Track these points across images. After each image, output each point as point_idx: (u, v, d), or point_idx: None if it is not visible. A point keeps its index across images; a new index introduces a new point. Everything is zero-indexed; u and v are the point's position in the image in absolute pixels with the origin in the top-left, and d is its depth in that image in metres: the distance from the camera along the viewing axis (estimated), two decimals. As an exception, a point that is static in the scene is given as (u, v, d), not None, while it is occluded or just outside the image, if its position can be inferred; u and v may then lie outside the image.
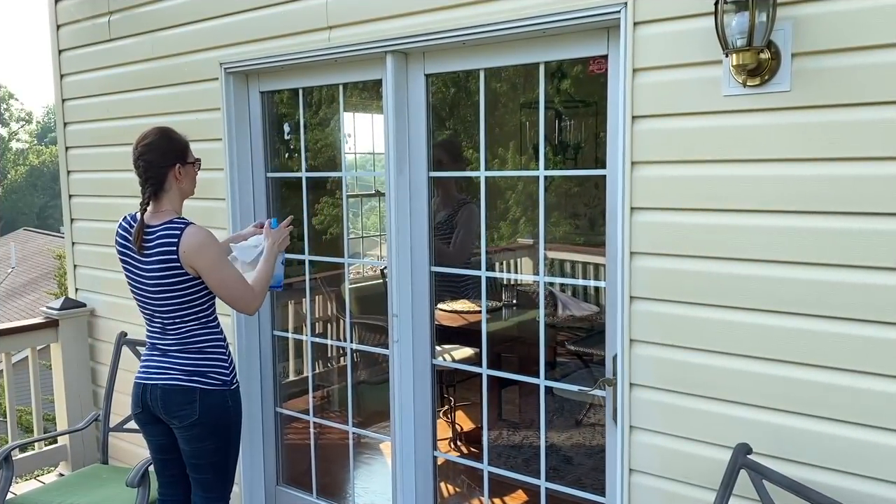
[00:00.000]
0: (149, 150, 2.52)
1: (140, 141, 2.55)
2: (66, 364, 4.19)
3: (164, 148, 2.54)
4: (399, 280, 2.95)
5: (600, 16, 2.29)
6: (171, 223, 2.49)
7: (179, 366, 2.56)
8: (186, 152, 2.60)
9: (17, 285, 21.49)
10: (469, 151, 4.49)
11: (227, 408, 2.60)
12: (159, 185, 2.53)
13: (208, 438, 2.58)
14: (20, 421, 9.53)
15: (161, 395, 2.56)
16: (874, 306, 1.94)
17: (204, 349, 2.58)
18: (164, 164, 2.52)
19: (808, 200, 2.01)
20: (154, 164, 2.51)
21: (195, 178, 2.66)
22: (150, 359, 2.63)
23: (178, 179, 2.56)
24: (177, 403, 2.55)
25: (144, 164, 2.51)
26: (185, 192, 2.62)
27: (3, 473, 3.01)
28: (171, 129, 2.62)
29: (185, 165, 2.57)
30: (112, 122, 3.96)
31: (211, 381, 2.56)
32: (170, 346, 2.58)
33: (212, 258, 2.48)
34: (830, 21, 1.94)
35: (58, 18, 4.20)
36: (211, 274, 2.49)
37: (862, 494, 2.00)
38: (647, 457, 2.36)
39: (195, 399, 2.54)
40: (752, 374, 2.14)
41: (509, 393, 4.57)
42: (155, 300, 2.54)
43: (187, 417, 2.55)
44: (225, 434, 2.62)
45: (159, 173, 2.52)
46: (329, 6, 2.94)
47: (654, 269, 2.28)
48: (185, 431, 2.58)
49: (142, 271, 2.53)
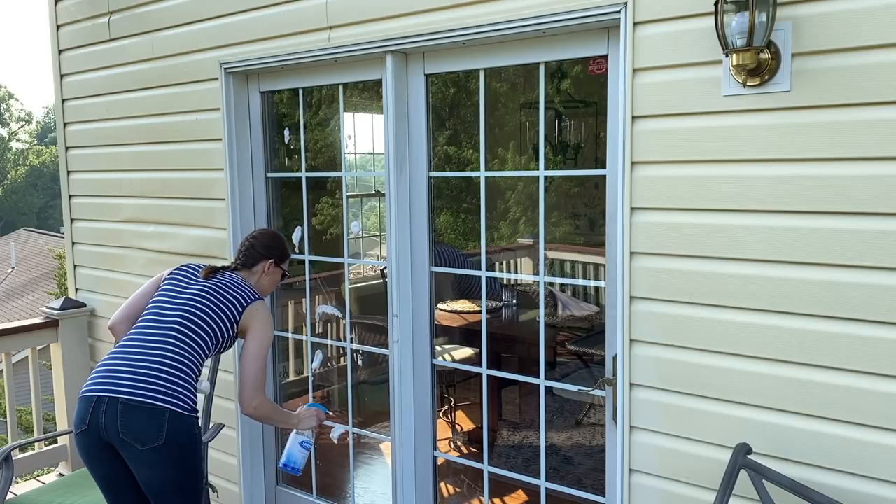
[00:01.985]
0: (260, 238, 2.79)
1: (258, 229, 2.91)
2: (66, 364, 4.20)
3: (272, 243, 2.78)
4: (399, 280, 2.95)
5: (600, 16, 2.29)
6: (251, 286, 2.67)
7: (151, 383, 2.35)
8: (285, 259, 2.82)
9: (17, 285, 21.49)
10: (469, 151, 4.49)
11: (193, 435, 2.40)
12: (249, 265, 2.75)
13: (174, 466, 2.35)
14: (20, 421, 9.56)
15: (121, 412, 2.30)
16: (874, 306, 1.94)
17: (181, 373, 2.41)
18: (263, 254, 2.75)
19: (809, 200, 2.01)
20: (255, 249, 2.76)
21: (276, 283, 2.83)
22: (116, 368, 2.39)
23: (264, 272, 2.75)
24: (140, 422, 2.29)
25: (248, 245, 2.77)
26: (261, 287, 2.76)
27: (3, 473, 3.01)
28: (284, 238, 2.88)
29: (277, 266, 2.78)
30: (112, 122, 3.96)
31: (183, 404, 2.37)
32: (150, 361, 2.39)
33: (267, 334, 2.58)
34: (830, 21, 1.94)
35: (58, 18, 4.20)
36: (255, 343, 2.54)
37: (862, 494, 2.00)
38: (647, 457, 2.36)
39: (163, 422, 2.31)
40: (752, 374, 2.14)
41: (509, 393, 4.57)
42: (186, 323, 2.48)
43: (152, 440, 2.29)
44: (192, 463, 2.41)
45: (255, 256, 2.75)
46: (329, 6, 2.94)
47: (654, 269, 2.28)
48: (146, 455, 2.30)
49: (189, 291, 2.56)
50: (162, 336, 2.46)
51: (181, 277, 2.64)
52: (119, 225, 4.02)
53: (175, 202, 3.69)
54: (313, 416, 2.75)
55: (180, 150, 3.62)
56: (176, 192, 3.68)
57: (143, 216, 3.87)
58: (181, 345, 2.45)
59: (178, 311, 2.50)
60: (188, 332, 2.47)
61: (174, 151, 3.65)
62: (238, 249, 2.80)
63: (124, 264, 4.01)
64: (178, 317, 2.49)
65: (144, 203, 3.85)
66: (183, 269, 2.69)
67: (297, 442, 2.73)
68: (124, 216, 3.98)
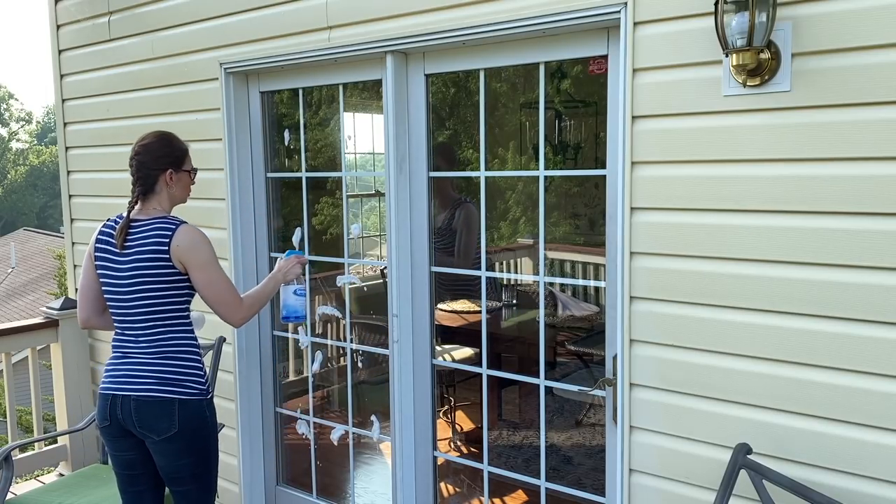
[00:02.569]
0: (144, 152, 2.51)
1: (138, 141, 2.54)
2: (66, 364, 4.20)
3: (159, 152, 2.52)
4: (399, 280, 2.95)
5: (600, 16, 2.29)
6: (165, 219, 2.46)
7: (154, 375, 2.43)
8: (183, 160, 2.57)
9: (17, 285, 21.49)
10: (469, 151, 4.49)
11: (204, 418, 2.49)
12: (149, 187, 2.51)
13: (189, 451, 2.47)
14: (20, 421, 9.55)
15: (135, 408, 2.42)
16: (874, 306, 1.94)
17: (179, 356, 2.47)
18: (156, 168, 2.50)
19: (809, 200, 2.01)
20: (145, 166, 2.50)
21: (189, 186, 2.63)
22: (119, 368, 2.48)
23: (168, 185, 2.53)
24: (153, 416, 2.41)
25: (137, 164, 2.51)
26: (175, 199, 2.59)
27: (3, 473, 3.01)
28: (172, 135, 2.59)
29: (178, 172, 2.55)
30: (112, 122, 3.96)
31: (188, 390, 2.45)
32: (142, 353, 2.46)
33: (206, 255, 2.44)
34: (830, 21, 1.94)
35: (58, 18, 4.20)
36: (202, 272, 2.43)
37: (862, 494, 2.00)
38: (647, 457, 2.36)
39: (173, 410, 2.42)
40: (752, 374, 2.14)
41: (509, 393, 4.57)
42: (130, 299, 2.44)
43: (166, 430, 2.42)
44: (205, 445, 2.51)
45: (150, 175, 2.50)
46: (329, 6, 2.94)
47: (654, 269, 2.28)
48: (162, 445, 2.44)
49: (121, 268, 2.45)
50: (131, 331, 2.46)
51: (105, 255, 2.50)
52: (119, 225, 4.01)
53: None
54: (295, 263, 2.73)
55: (180, 150, 3.62)
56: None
57: (143, 216, 3.86)
58: (151, 331, 2.44)
59: (125, 305, 2.45)
60: (147, 316, 2.43)
61: (174, 151, 3.65)
62: (130, 172, 2.54)
63: (124, 264, 4.00)
64: (126, 309, 2.45)
65: (144, 203, 3.85)
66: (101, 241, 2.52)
67: (289, 293, 2.72)
68: (124, 216, 3.97)
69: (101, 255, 2.51)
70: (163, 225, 2.44)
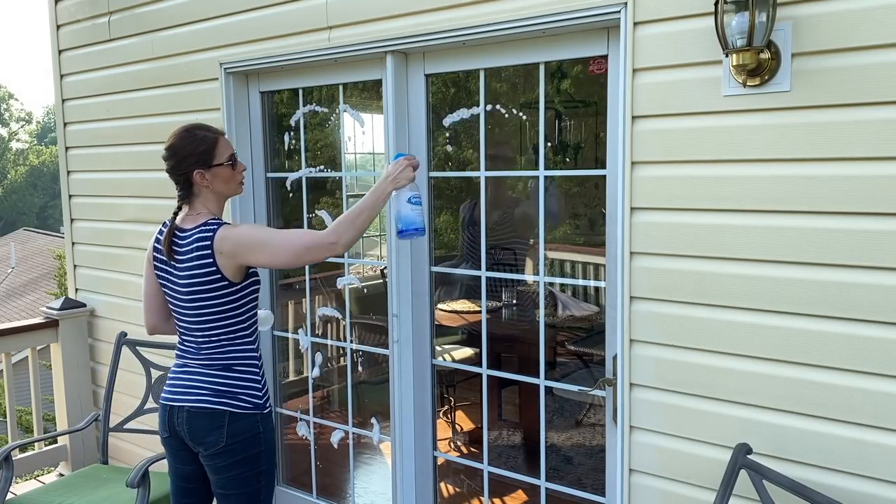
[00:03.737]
0: (169, 155, 2.31)
1: (166, 142, 2.33)
2: (66, 364, 4.19)
3: (183, 152, 2.29)
4: (399, 280, 2.95)
5: (600, 16, 2.29)
6: (204, 228, 2.26)
7: (208, 386, 2.32)
8: (210, 153, 2.29)
9: (17, 285, 21.49)
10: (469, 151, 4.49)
11: (257, 434, 2.33)
12: (187, 191, 2.32)
13: (236, 467, 2.32)
14: (20, 421, 9.55)
15: (187, 419, 2.32)
16: (874, 306, 1.94)
17: (235, 367, 2.33)
18: (184, 170, 2.29)
19: (809, 200, 2.01)
20: (175, 170, 2.31)
21: (232, 177, 2.35)
22: (178, 377, 2.38)
23: (204, 184, 2.30)
24: (203, 429, 2.30)
25: (168, 170, 2.33)
26: (220, 195, 2.36)
27: (3, 473, 3.01)
28: (195, 128, 2.33)
29: (209, 169, 2.29)
30: (112, 122, 3.96)
31: (242, 403, 2.30)
32: (201, 363, 2.34)
33: (250, 242, 2.22)
34: (830, 21, 1.94)
35: (58, 18, 4.20)
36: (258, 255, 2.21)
37: (862, 494, 2.00)
38: (647, 457, 2.36)
39: (223, 424, 2.29)
40: (752, 374, 2.14)
41: (509, 393, 4.57)
42: (190, 313, 2.31)
43: (213, 444, 2.30)
44: (254, 462, 2.34)
45: (182, 178, 2.31)
46: (329, 6, 2.94)
47: (654, 269, 2.28)
48: (211, 460, 2.33)
49: (176, 279, 2.32)
50: (193, 342, 2.35)
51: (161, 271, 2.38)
52: (119, 225, 4.02)
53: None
54: (406, 165, 2.29)
55: (180, 150, 3.62)
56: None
57: (143, 216, 3.87)
58: (212, 343, 2.32)
59: (186, 318, 2.34)
60: (207, 328, 2.31)
61: (174, 151, 3.65)
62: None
63: (124, 264, 4.01)
64: (188, 322, 2.34)
65: (144, 203, 3.85)
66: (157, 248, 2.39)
67: (403, 202, 2.29)
68: (124, 216, 3.98)
69: (159, 264, 2.39)
70: (201, 235, 2.25)
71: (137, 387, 3.58)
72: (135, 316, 3.98)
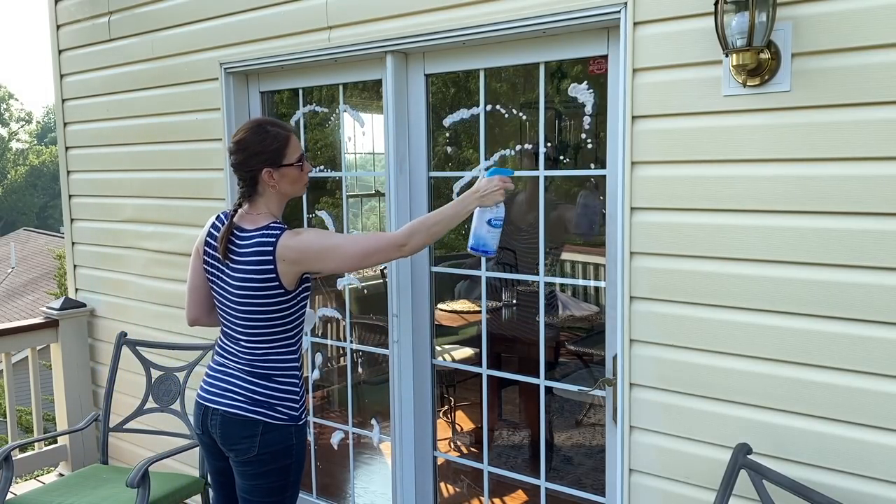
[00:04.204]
0: (237, 150, 2.21)
1: (233, 136, 2.24)
2: (66, 364, 4.20)
3: (252, 148, 2.19)
4: (399, 280, 2.95)
5: (600, 16, 2.29)
6: (268, 228, 2.18)
7: (245, 392, 2.24)
8: (281, 153, 2.20)
9: (17, 285, 21.49)
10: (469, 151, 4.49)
11: (289, 446, 2.26)
12: (251, 188, 2.23)
13: (264, 476, 2.26)
14: (20, 421, 9.55)
15: (220, 423, 2.26)
16: (874, 306, 1.94)
17: (276, 377, 2.26)
18: (252, 167, 2.20)
19: (809, 200, 2.01)
20: (241, 166, 2.21)
21: (299, 178, 2.27)
22: (215, 377, 2.32)
23: (270, 184, 2.22)
24: (236, 436, 2.24)
25: (233, 164, 2.23)
26: (284, 194, 2.27)
27: (3, 473, 3.01)
28: (267, 124, 2.24)
29: (278, 168, 2.20)
30: (112, 122, 3.96)
31: (278, 414, 2.23)
32: (241, 366, 2.27)
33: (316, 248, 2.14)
34: (830, 21, 1.94)
35: (58, 18, 4.20)
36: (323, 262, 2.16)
37: (862, 494, 2.00)
38: (647, 457, 2.36)
39: (256, 433, 2.22)
40: (752, 374, 2.14)
41: (509, 393, 4.57)
42: (238, 314, 2.25)
43: (244, 452, 2.24)
44: (283, 474, 2.28)
45: (247, 175, 2.22)
46: (329, 6, 2.94)
47: (654, 269, 2.28)
48: (240, 466, 2.28)
49: (228, 278, 2.24)
50: (235, 342, 2.29)
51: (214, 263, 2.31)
52: (119, 225, 4.02)
53: (175, 202, 3.69)
54: (498, 187, 2.20)
55: (180, 150, 3.62)
56: (176, 192, 3.68)
57: (143, 216, 3.87)
58: (255, 346, 2.25)
59: (233, 317, 2.27)
60: (254, 331, 2.24)
61: (174, 151, 3.65)
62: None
63: (124, 264, 4.01)
64: (234, 321, 2.27)
65: (144, 203, 3.85)
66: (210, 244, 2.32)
67: (483, 221, 2.23)
68: (124, 216, 3.98)
69: (209, 258, 2.32)
70: (263, 240, 2.17)
71: (137, 387, 3.58)
72: (135, 316, 3.98)
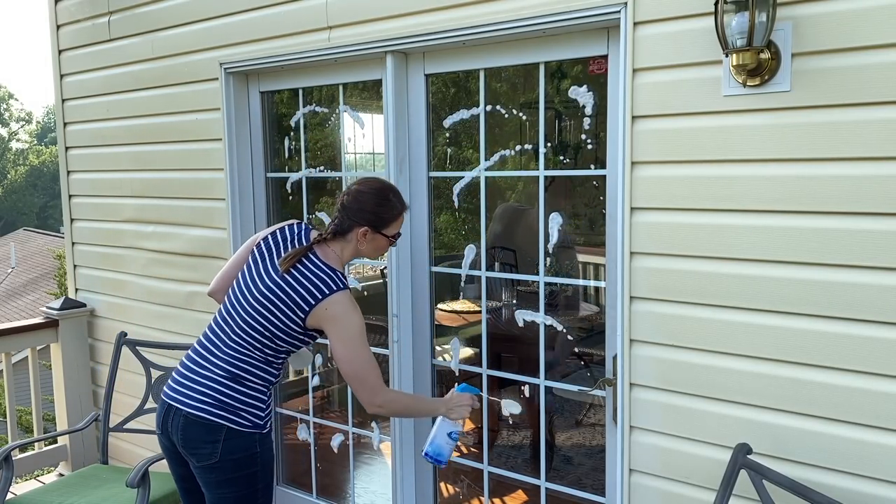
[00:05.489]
0: (353, 199, 2.30)
1: (356, 182, 2.36)
2: (66, 364, 4.20)
3: (367, 205, 2.29)
4: (399, 280, 2.95)
5: (600, 16, 2.29)
6: (330, 277, 2.23)
7: (213, 394, 2.23)
8: (388, 223, 2.31)
9: (17, 285, 21.49)
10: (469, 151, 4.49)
11: (254, 454, 2.25)
12: (343, 231, 2.31)
13: (230, 485, 2.24)
14: (20, 421, 9.56)
15: (183, 425, 2.23)
16: (874, 306, 1.94)
17: (248, 383, 2.25)
18: (356, 219, 2.29)
19: (809, 200, 2.01)
20: (347, 212, 2.29)
21: (383, 248, 2.37)
22: (186, 375, 2.30)
23: (360, 240, 2.30)
24: (197, 439, 2.21)
25: (341, 205, 2.32)
26: (361, 254, 2.36)
27: (3, 473, 3.01)
28: (393, 193, 2.35)
29: (375, 233, 2.31)
30: (112, 122, 3.96)
31: (243, 420, 2.23)
32: (215, 366, 2.26)
33: (351, 332, 2.21)
34: (830, 21, 1.94)
35: (58, 18, 4.20)
36: (343, 345, 2.21)
37: (862, 494, 2.00)
38: (647, 457, 2.36)
39: (219, 439, 2.20)
40: (752, 374, 2.14)
41: (509, 393, 4.57)
42: (243, 314, 2.26)
43: (206, 458, 2.21)
44: (250, 482, 2.25)
45: (347, 222, 2.30)
46: (329, 6, 2.94)
47: (654, 269, 2.28)
48: (203, 473, 2.25)
49: (262, 280, 2.26)
50: (232, 343, 2.28)
51: (261, 261, 2.32)
52: (119, 225, 4.02)
53: (175, 202, 3.69)
54: (467, 403, 2.37)
55: (180, 150, 3.62)
56: (176, 192, 3.68)
57: (143, 216, 3.87)
58: (248, 354, 2.26)
59: (249, 314, 2.27)
60: (255, 343, 2.26)
61: (174, 151, 3.65)
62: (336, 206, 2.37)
63: (124, 264, 4.01)
64: (247, 320, 2.26)
65: (144, 203, 3.85)
66: (270, 244, 2.35)
67: (443, 431, 2.35)
68: (124, 216, 3.98)
69: (261, 254, 2.33)
70: (321, 285, 2.22)
71: (137, 387, 3.58)
72: (135, 316, 3.98)
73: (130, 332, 3.68)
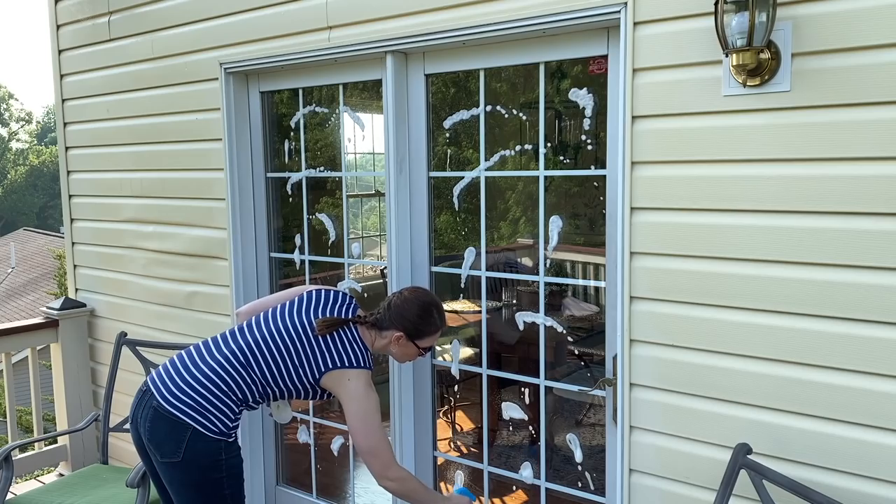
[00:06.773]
0: (400, 303, 2.41)
1: (409, 288, 2.49)
2: (66, 364, 4.20)
3: (409, 314, 2.39)
4: (399, 280, 2.94)
5: (600, 16, 2.29)
6: (355, 355, 2.34)
7: (190, 393, 2.26)
8: (423, 336, 2.42)
9: (17, 285, 21.49)
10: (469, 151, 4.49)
11: (218, 460, 2.25)
12: (381, 328, 2.42)
13: (195, 489, 2.26)
14: (20, 421, 9.56)
15: (151, 417, 2.25)
16: (874, 306, 1.94)
17: (224, 392, 2.29)
18: (395, 322, 2.39)
19: (808, 200, 2.01)
20: (390, 313, 2.40)
21: (409, 356, 2.48)
22: (174, 368, 2.34)
23: (392, 341, 2.41)
24: (162, 433, 2.23)
25: (388, 304, 2.43)
26: (388, 352, 2.47)
27: (3, 473, 3.01)
28: (439, 310, 2.46)
29: (408, 340, 2.41)
30: (112, 122, 3.96)
31: (208, 423, 2.24)
32: (204, 370, 2.30)
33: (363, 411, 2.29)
34: (830, 21, 1.94)
35: (58, 18, 4.20)
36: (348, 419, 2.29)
37: (862, 494, 2.00)
38: (647, 457, 2.36)
39: (183, 438, 2.21)
40: (752, 374, 2.14)
41: (509, 393, 4.57)
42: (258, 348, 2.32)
43: (169, 454, 2.22)
44: (216, 488, 2.26)
45: (387, 321, 2.41)
46: (329, 6, 2.94)
47: (654, 269, 2.28)
48: (165, 469, 2.26)
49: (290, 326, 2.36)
50: (231, 367, 2.32)
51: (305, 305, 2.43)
52: (119, 225, 4.02)
53: (175, 202, 3.69)
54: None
55: (180, 150, 3.62)
56: (176, 192, 3.68)
57: (143, 216, 3.87)
58: (242, 384, 2.32)
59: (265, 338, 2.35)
60: (255, 379, 2.33)
61: (174, 151, 3.66)
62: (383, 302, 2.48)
63: (124, 264, 4.01)
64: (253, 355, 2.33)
65: (144, 203, 3.85)
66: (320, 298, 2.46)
67: None
68: (124, 216, 3.98)
69: (308, 300, 2.43)
70: (352, 356, 2.34)
71: (137, 387, 3.58)
72: (135, 316, 3.98)
73: (130, 332, 3.68)
